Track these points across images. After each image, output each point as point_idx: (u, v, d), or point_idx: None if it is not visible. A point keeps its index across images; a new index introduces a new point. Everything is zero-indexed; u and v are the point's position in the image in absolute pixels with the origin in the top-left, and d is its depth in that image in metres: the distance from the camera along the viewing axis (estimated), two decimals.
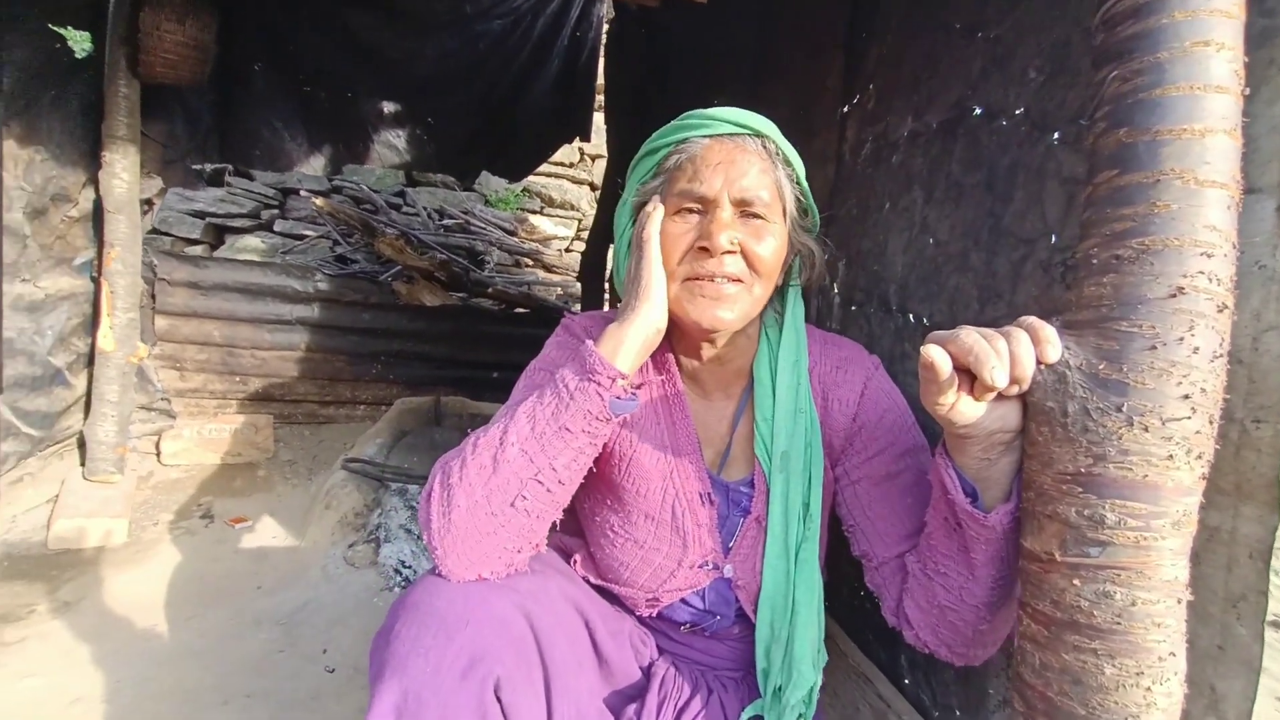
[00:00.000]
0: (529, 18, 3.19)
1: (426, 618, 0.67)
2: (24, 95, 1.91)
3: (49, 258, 2.12)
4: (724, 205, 0.77)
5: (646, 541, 0.87)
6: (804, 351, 0.89)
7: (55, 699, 1.30)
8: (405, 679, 0.64)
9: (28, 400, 2.07)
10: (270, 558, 2.04)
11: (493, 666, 0.66)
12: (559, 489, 0.72)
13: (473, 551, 0.70)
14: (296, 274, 2.93)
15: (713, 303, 0.77)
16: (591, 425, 0.71)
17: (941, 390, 0.59)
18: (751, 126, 0.80)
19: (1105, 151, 0.58)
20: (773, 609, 0.84)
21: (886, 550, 0.83)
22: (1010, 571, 0.69)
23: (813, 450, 0.86)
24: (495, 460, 0.70)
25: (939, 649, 0.78)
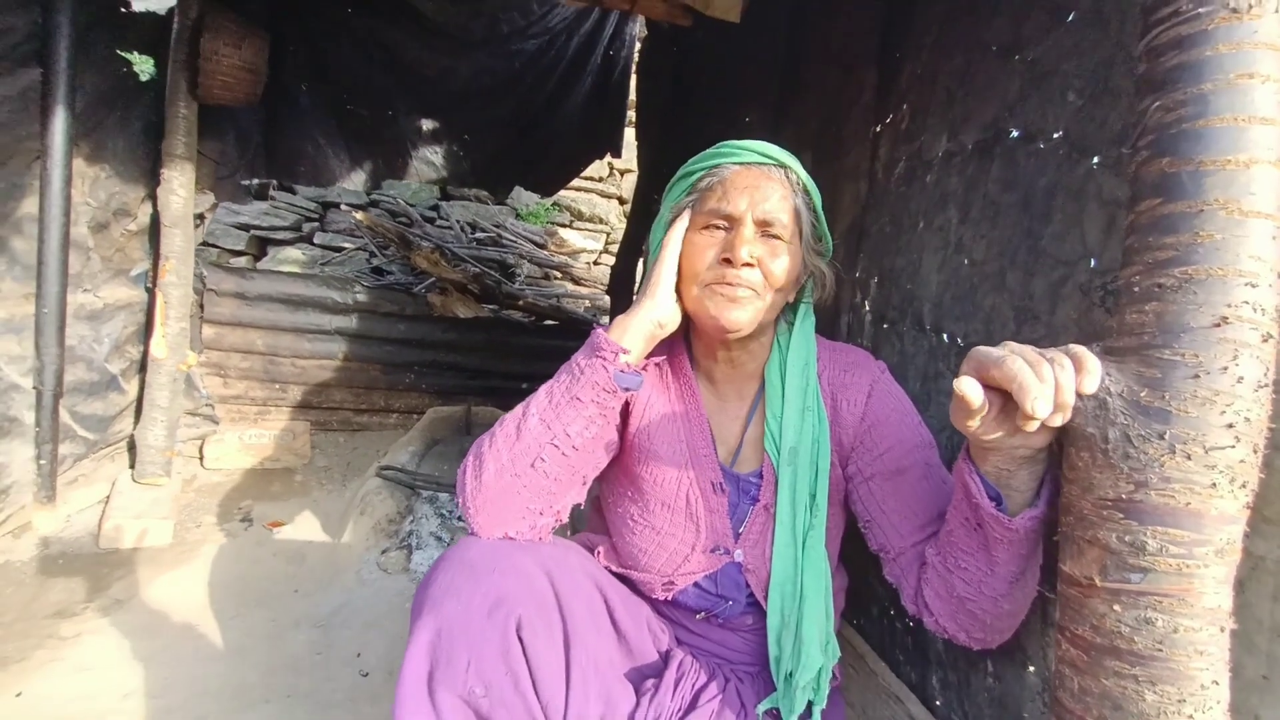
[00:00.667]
0: (563, 37, 3.27)
1: (459, 566, 0.77)
2: (92, 117, 2.03)
3: (108, 269, 2.22)
4: (747, 223, 0.87)
5: (663, 528, 0.95)
6: (813, 356, 0.98)
7: (110, 692, 1.36)
8: (439, 616, 0.74)
9: (85, 404, 2.17)
10: (307, 561, 2.09)
11: (514, 608, 0.74)
12: (573, 453, 0.83)
13: (500, 510, 0.81)
14: (336, 285, 3.02)
15: (729, 303, 0.87)
16: (599, 395, 0.82)
17: (971, 416, 0.61)
18: (777, 158, 0.91)
19: (1148, 180, 0.59)
20: (782, 595, 0.90)
21: (902, 541, 0.89)
22: (1030, 565, 0.73)
23: (820, 446, 0.93)
24: (518, 429, 0.82)
25: (958, 634, 0.83)
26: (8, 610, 1.62)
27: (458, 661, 0.73)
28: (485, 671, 0.73)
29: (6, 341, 1.85)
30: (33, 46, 1.80)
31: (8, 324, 1.85)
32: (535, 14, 3.10)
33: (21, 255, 1.86)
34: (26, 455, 1.94)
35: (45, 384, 1.93)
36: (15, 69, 1.76)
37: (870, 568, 1.32)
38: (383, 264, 3.80)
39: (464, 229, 4.46)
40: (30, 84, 1.81)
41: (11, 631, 1.54)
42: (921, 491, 0.89)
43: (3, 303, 1.82)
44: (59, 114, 1.84)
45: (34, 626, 1.57)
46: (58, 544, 1.97)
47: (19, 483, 1.93)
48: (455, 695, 0.74)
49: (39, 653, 1.47)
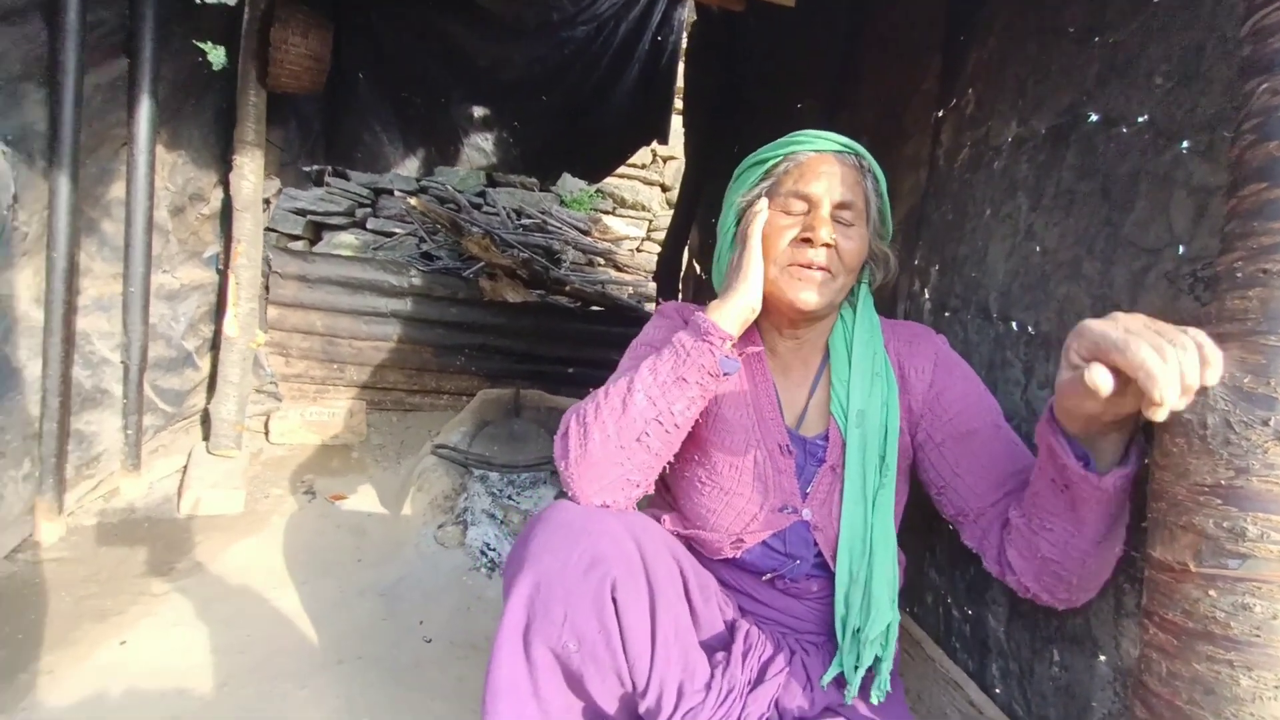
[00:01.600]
0: (612, 23, 3.28)
1: (556, 526, 0.81)
2: (171, 105, 2.13)
3: (184, 251, 2.34)
4: (825, 205, 0.92)
5: (731, 487, 0.98)
6: (876, 327, 1.03)
7: (200, 647, 1.46)
8: (538, 571, 0.78)
9: (164, 379, 2.30)
10: (368, 533, 2.19)
11: (610, 569, 0.78)
12: (674, 430, 0.87)
13: (601, 478, 0.85)
14: (393, 269, 3.11)
15: (807, 285, 0.92)
16: (703, 378, 0.86)
17: (1098, 399, 0.60)
18: (851, 147, 0.98)
19: (1253, 164, 0.58)
20: (850, 552, 0.93)
21: (980, 501, 0.92)
22: (1118, 525, 0.74)
23: (889, 409, 0.97)
24: (624, 404, 0.85)
25: (1040, 594, 0.84)
26: (104, 568, 1.75)
27: (554, 614, 0.77)
28: (579, 626, 0.77)
29: (97, 319, 1.97)
30: (120, 38, 1.90)
31: (98, 302, 1.97)
32: (585, 1, 3.12)
33: (110, 237, 1.98)
34: (115, 425, 2.07)
35: (132, 359, 2.05)
36: (106, 59, 1.86)
37: (925, 555, 1.33)
38: (432, 249, 3.89)
39: (510, 215, 4.53)
40: (119, 74, 1.91)
41: (108, 588, 1.66)
42: (994, 451, 0.92)
43: (94, 282, 1.94)
44: (144, 102, 1.94)
45: (127, 584, 1.69)
46: (143, 509, 2.10)
47: (109, 450, 2.07)
48: (548, 648, 0.78)
49: (134, 608, 1.58)
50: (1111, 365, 0.58)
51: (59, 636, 1.45)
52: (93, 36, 1.74)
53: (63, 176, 1.66)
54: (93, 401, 1.97)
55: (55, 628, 1.47)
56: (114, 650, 1.42)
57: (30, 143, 1.62)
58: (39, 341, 1.71)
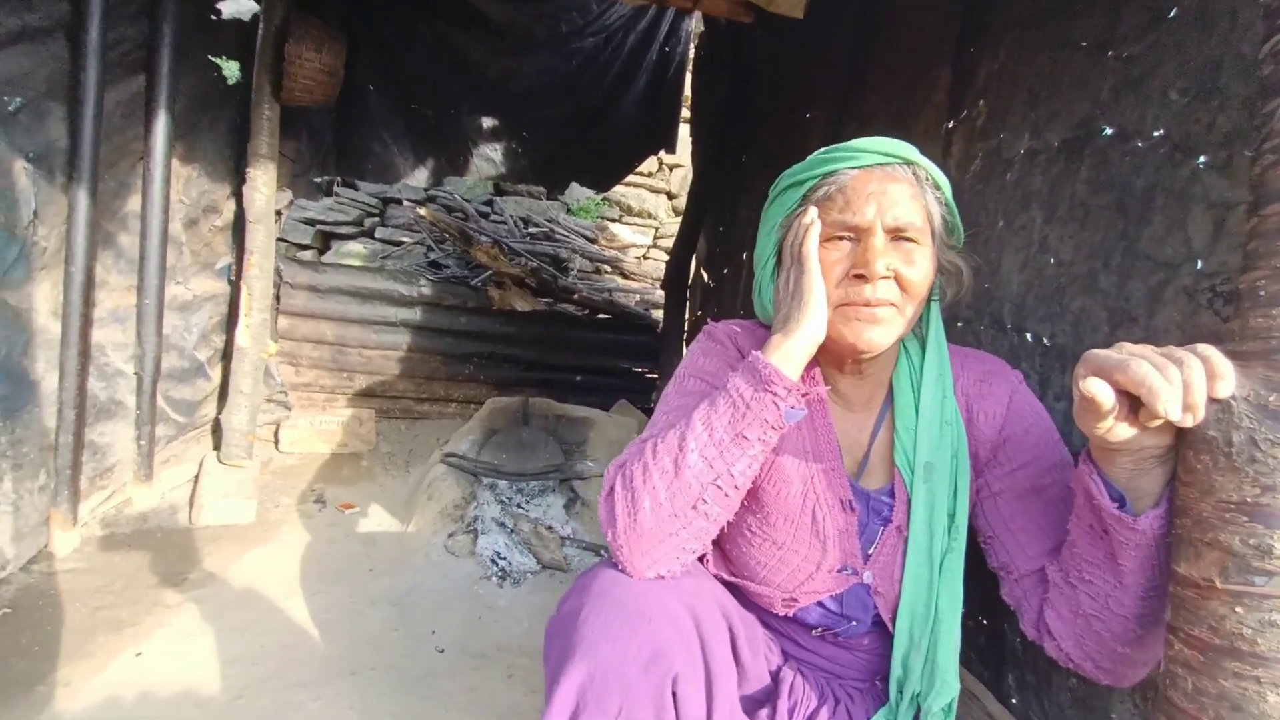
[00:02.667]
0: (620, 34, 3.31)
1: (611, 608, 0.73)
2: (187, 119, 2.16)
3: (197, 263, 2.37)
4: (877, 233, 0.78)
5: (785, 543, 0.89)
6: (947, 365, 0.90)
7: (213, 658, 1.47)
8: (593, 662, 0.70)
9: (176, 390, 2.31)
10: (379, 542, 2.20)
11: (672, 663, 0.71)
12: (734, 493, 0.77)
13: (655, 550, 0.76)
14: (403, 279, 3.13)
15: (868, 326, 0.80)
16: (766, 433, 0.75)
17: (1101, 417, 0.60)
18: (900, 155, 0.82)
19: (1275, 184, 0.58)
20: (912, 617, 0.86)
21: (1028, 563, 0.83)
22: (1161, 580, 0.67)
23: (959, 462, 0.87)
24: (676, 465, 0.75)
25: (1084, 663, 0.77)
26: (118, 579, 1.76)
27: (609, 707, 0.70)
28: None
29: (112, 330, 1.99)
30: (140, 54, 1.93)
31: (113, 314, 1.99)
32: (594, 12, 3.15)
33: (126, 250, 2.00)
34: (128, 436, 2.09)
35: (145, 370, 2.07)
36: (126, 76, 1.89)
37: None
38: (439, 258, 3.91)
39: (518, 224, 4.55)
40: (137, 90, 1.94)
41: (122, 599, 1.67)
42: (1055, 514, 0.83)
43: (110, 294, 1.96)
44: (161, 117, 1.96)
45: (141, 595, 1.70)
46: (155, 518, 2.12)
47: (122, 461, 2.08)
48: None
49: (148, 619, 1.59)
50: (1116, 386, 0.58)
51: (75, 648, 1.46)
52: (113, 54, 1.77)
53: (82, 192, 1.68)
54: (107, 413, 1.99)
55: (71, 639, 1.48)
56: (129, 661, 1.43)
57: (52, 159, 1.64)
58: (56, 354, 1.73)
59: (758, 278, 0.94)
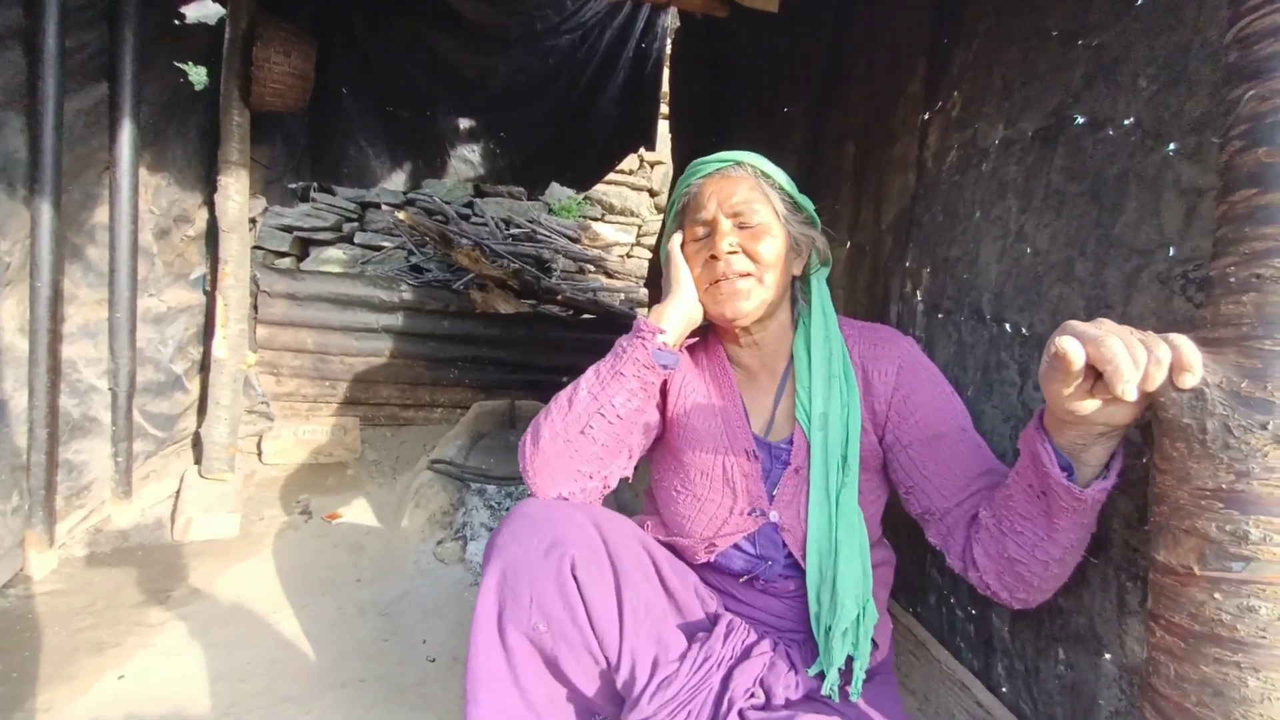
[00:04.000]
0: (596, 31, 3.29)
1: (519, 518, 0.89)
2: (154, 127, 2.11)
3: (170, 274, 2.32)
4: (720, 220, 0.98)
5: (702, 495, 1.03)
6: (834, 326, 1.04)
7: (200, 676, 1.44)
8: (504, 558, 0.85)
9: (153, 404, 2.27)
10: (367, 551, 2.17)
11: (568, 549, 0.84)
12: (617, 422, 0.93)
13: (553, 471, 0.92)
14: (383, 284, 3.10)
15: (730, 297, 0.97)
16: (640, 371, 0.92)
17: (1067, 382, 0.63)
18: (732, 158, 1.02)
19: (1243, 169, 0.59)
20: (819, 552, 0.96)
21: (945, 501, 0.94)
22: (1087, 533, 0.76)
23: (850, 410, 0.99)
24: (570, 401, 0.93)
25: (1000, 592, 0.87)
26: (98, 599, 1.72)
27: (521, 597, 0.82)
28: (545, 605, 0.82)
29: (84, 346, 1.94)
30: (102, 61, 1.88)
31: (84, 329, 1.94)
32: (568, 10, 3.12)
33: (95, 263, 1.96)
34: (105, 453, 2.05)
35: (120, 385, 2.03)
36: (87, 84, 1.84)
37: (927, 556, 1.34)
38: (421, 261, 3.88)
39: (499, 225, 4.52)
40: (100, 97, 1.89)
41: (103, 619, 1.63)
42: (960, 453, 0.95)
43: (80, 309, 1.91)
44: (126, 125, 1.92)
45: (123, 614, 1.66)
46: (136, 536, 2.08)
47: (99, 479, 2.04)
48: (521, 632, 0.83)
49: (131, 639, 1.56)
50: (1086, 358, 0.61)
51: (55, 672, 1.42)
52: (73, 62, 1.73)
53: (45, 204, 1.64)
54: (81, 430, 1.94)
55: (51, 663, 1.45)
56: (112, 684, 1.40)
57: (11, 171, 1.60)
58: (24, 372, 1.69)
59: (663, 267, 1.09)
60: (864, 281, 1.68)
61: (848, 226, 1.78)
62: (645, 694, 0.83)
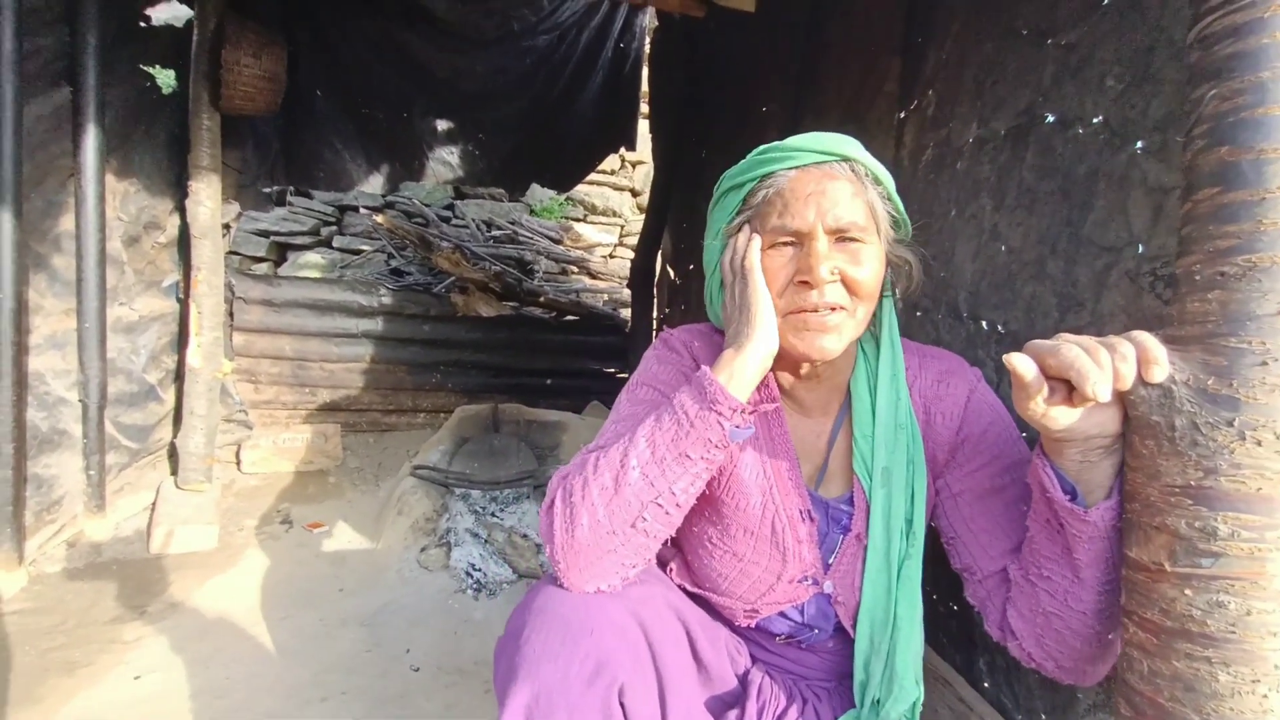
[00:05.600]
0: (574, 31, 3.27)
1: (552, 623, 0.72)
2: (120, 132, 2.06)
3: (141, 281, 2.27)
4: (819, 236, 0.76)
5: (745, 555, 0.88)
6: (900, 365, 0.88)
7: (176, 693, 1.41)
8: (536, 682, 0.69)
9: (126, 415, 2.22)
10: (349, 561, 2.14)
11: (617, 673, 0.70)
12: (676, 511, 0.75)
13: (593, 567, 0.74)
14: (361, 289, 3.06)
15: (818, 334, 0.77)
16: (710, 452, 0.74)
17: (1030, 395, 0.61)
18: (838, 152, 0.79)
19: (1205, 168, 0.59)
20: (872, 623, 0.85)
21: (991, 564, 0.82)
22: (1117, 574, 0.68)
23: (915, 466, 0.85)
24: (617, 482, 0.73)
25: (1045, 662, 0.76)
26: (70, 616, 1.68)
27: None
28: None
29: (51, 357, 1.90)
30: (62, 65, 1.84)
31: (51, 340, 1.89)
32: (545, 9, 3.10)
33: (61, 272, 1.91)
34: (76, 466, 2.00)
35: (90, 397, 1.98)
36: (47, 88, 1.79)
37: None
38: (401, 265, 3.83)
39: (480, 227, 4.48)
40: (61, 102, 1.84)
41: (75, 637, 1.59)
42: (1015, 513, 0.82)
43: (46, 320, 1.87)
44: (90, 131, 1.87)
45: (96, 632, 1.62)
46: (110, 550, 2.03)
47: (70, 493, 1.99)
48: None
49: (104, 657, 1.52)
50: (1049, 370, 0.61)
51: (23, 694, 1.39)
52: (31, 65, 1.68)
53: (4, 213, 1.60)
54: (50, 443, 1.89)
55: (19, 685, 1.41)
56: (84, 703, 1.37)
57: None
58: None
59: (708, 284, 0.91)
60: None
61: None
62: None
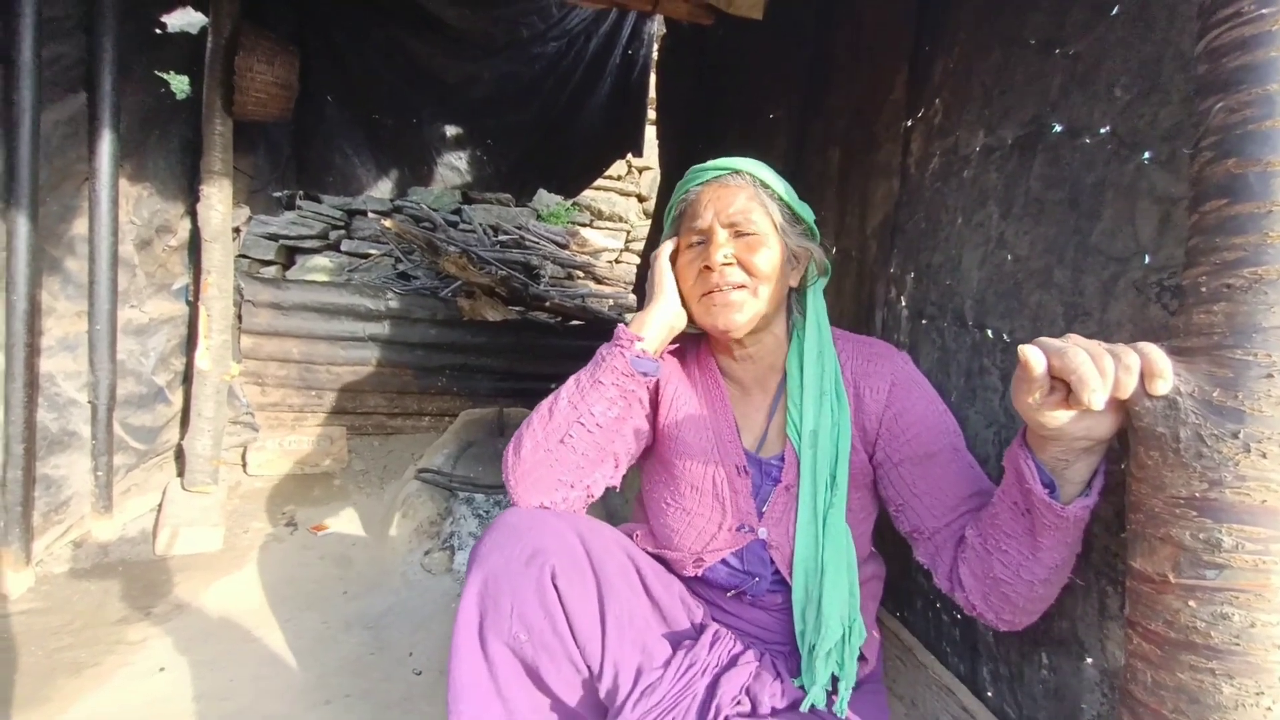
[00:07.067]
0: (582, 38, 3.29)
1: (501, 527, 0.88)
2: (135, 137, 2.09)
3: (152, 284, 2.29)
4: (717, 230, 0.96)
5: (692, 509, 1.03)
6: (828, 341, 1.03)
7: (181, 694, 1.42)
8: (484, 568, 0.84)
9: (135, 417, 2.24)
10: (353, 563, 2.15)
11: (549, 558, 0.83)
12: (597, 430, 0.92)
13: (535, 481, 0.91)
14: (369, 293, 3.08)
15: (723, 310, 0.95)
16: (619, 379, 0.92)
17: (1031, 390, 0.64)
18: (730, 166, 1.00)
19: (1213, 180, 0.59)
20: (805, 570, 0.96)
21: (935, 521, 0.94)
22: (1072, 554, 0.76)
23: (840, 429, 0.98)
24: (550, 410, 0.93)
25: (986, 614, 0.86)
26: (77, 617, 1.69)
27: (503, 607, 0.82)
28: (526, 615, 0.82)
29: (63, 359, 1.92)
30: (79, 71, 1.86)
31: (63, 342, 1.91)
32: (554, 17, 3.12)
33: (74, 275, 1.93)
34: (84, 467, 2.01)
35: (100, 398, 2.00)
36: (65, 95, 1.82)
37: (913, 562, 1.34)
38: (408, 269, 3.86)
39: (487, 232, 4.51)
40: (79, 108, 1.87)
41: (82, 638, 1.60)
42: (951, 474, 0.94)
43: (59, 322, 1.89)
44: (105, 136, 1.90)
45: (103, 633, 1.63)
46: (116, 552, 2.04)
47: (79, 493, 2.01)
48: (502, 642, 0.83)
49: (110, 658, 1.53)
50: (1052, 371, 0.63)
51: (30, 694, 1.39)
52: (50, 72, 1.71)
53: (21, 217, 1.61)
54: (60, 444, 1.91)
55: (26, 685, 1.42)
56: (91, 704, 1.37)
57: None
58: (0, 387, 1.66)
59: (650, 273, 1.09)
60: (849, 287, 1.69)
61: (833, 232, 1.79)
62: (629, 702, 0.83)
